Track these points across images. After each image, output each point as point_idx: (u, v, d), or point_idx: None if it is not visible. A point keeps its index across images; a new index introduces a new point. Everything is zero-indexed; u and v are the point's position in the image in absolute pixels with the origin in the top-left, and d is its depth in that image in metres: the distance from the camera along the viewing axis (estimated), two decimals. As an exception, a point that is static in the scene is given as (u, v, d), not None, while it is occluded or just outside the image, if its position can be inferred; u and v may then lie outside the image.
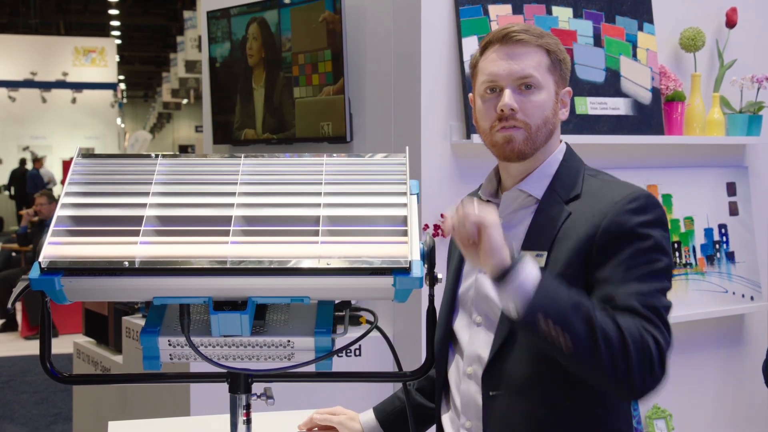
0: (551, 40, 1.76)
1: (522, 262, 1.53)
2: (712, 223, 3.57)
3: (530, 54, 1.73)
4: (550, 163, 1.78)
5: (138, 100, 36.07)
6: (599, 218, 1.65)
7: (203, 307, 1.61)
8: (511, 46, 1.73)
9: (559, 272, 1.65)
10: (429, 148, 3.02)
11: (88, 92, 20.85)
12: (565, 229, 1.69)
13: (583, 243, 1.65)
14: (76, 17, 22.92)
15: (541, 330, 1.51)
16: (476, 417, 1.76)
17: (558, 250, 1.68)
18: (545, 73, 1.74)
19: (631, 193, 1.68)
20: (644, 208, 1.66)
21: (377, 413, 1.99)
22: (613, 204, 1.66)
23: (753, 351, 3.77)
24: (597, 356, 1.51)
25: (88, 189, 1.57)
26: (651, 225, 1.65)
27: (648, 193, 1.69)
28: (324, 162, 1.62)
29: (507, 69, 1.72)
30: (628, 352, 1.52)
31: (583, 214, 1.68)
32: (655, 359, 1.54)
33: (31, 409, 6.10)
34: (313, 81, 3.41)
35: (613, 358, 1.51)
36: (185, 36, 16.24)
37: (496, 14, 3.09)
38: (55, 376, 1.62)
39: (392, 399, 2.01)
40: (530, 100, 1.72)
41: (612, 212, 1.65)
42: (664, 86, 3.41)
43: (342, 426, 1.98)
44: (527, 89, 1.72)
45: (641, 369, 1.53)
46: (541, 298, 1.51)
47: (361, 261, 1.44)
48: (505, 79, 1.72)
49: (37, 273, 1.43)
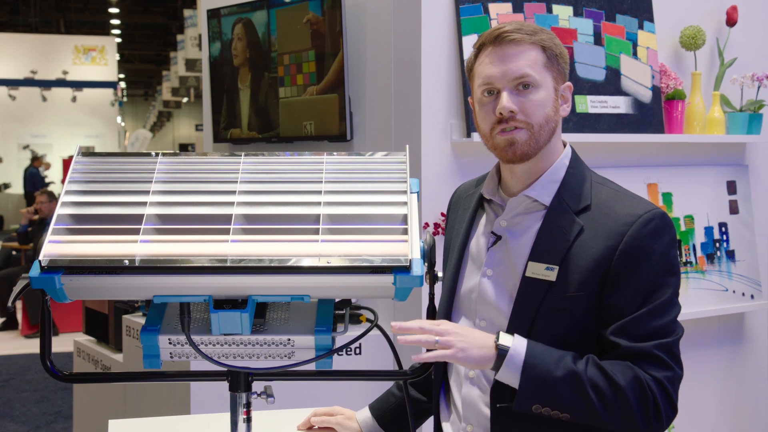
0: (545, 36, 1.73)
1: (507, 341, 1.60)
2: (713, 222, 3.57)
3: (525, 53, 1.70)
4: (557, 169, 1.76)
5: (138, 99, 36.07)
6: (615, 240, 1.65)
7: (203, 306, 1.61)
8: (504, 47, 1.71)
9: (573, 294, 1.66)
10: (429, 147, 3.02)
11: (88, 91, 20.83)
12: (578, 245, 1.68)
13: (599, 265, 1.65)
14: (77, 16, 22.90)
15: (537, 412, 1.61)
16: (477, 422, 1.76)
17: (570, 268, 1.67)
18: (542, 71, 1.71)
19: (645, 213, 1.67)
20: (660, 231, 1.66)
21: (373, 411, 2.00)
22: (629, 225, 1.65)
23: (753, 349, 3.78)
24: (597, 418, 1.59)
25: (89, 187, 1.57)
26: (667, 248, 1.67)
27: (662, 212, 1.69)
28: (324, 160, 1.62)
29: (502, 70, 1.70)
30: (627, 405, 1.58)
31: (597, 231, 1.67)
32: (659, 401, 1.59)
33: (32, 408, 6.10)
34: (297, 81, 3.43)
35: (610, 412, 1.58)
36: (185, 34, 16.23)
37: (497, 12, 3.09)
38: (56, 374, 1.62)
39: (386, 396, 2.01)
40: (529, 99, 1.70)
41: (629, 235, 1.64)
42: (664, 85, 3.41)
43: (339, 426, 1.99)
44: (525, 89, 1.70)
45: (644, 414, 1.59)
46: (530, 387, 1.58)
47: (361, 259, 1.44)
48: (501, 81, 1.70)
49: (37, 271, 1.43)
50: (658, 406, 1.59)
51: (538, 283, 1.68)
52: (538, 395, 1.58)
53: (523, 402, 1.59)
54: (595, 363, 1.61)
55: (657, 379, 1.59)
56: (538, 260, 1.70)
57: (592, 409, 1.58)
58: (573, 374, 1.58)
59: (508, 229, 1.76)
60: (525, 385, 1.58)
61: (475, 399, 1.76)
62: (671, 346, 1.63)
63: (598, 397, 1.57)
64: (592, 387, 1.58)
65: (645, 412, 1.58)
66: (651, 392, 1.58)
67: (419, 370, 1.70)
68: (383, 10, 3.22)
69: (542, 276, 1.67)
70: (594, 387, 1.58)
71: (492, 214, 1.82)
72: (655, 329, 1.62)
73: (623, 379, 1.58)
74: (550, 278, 1.67)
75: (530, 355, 1.59)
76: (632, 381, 1.58)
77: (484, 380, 1.75)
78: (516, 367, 1.58)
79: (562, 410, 1.59)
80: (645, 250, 1.64)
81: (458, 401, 1.81)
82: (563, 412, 1.59)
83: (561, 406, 1.58)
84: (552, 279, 1.67)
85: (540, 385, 1.58)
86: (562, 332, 1.66)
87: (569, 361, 1.59)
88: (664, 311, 1.64)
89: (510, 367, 1.59)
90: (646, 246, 1.64)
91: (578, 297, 1.65)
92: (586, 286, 1.65)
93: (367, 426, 1.98)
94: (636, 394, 1.58)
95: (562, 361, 1.59)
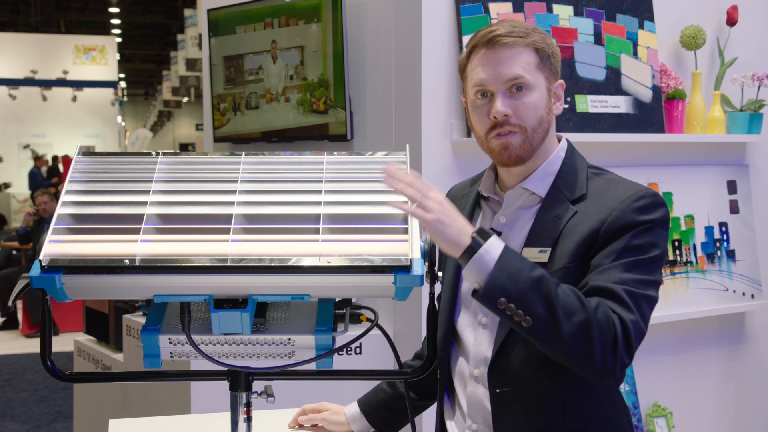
0: (537, 37, 1.73)
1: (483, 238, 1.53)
2: (713, 221, 3.57)
3: (518, 55, 1.70)
4: (552, 161, 1.77)
5: (138, 98, 36.08)
6: (606, 214, 1.66)
7: (204, 305, 1.61)
8: (497, 50, 1.71)
9: (563, 266, 1.66)
10: (429, 146, 3.02)
11: (88, 90, 20.85)
12: (570, 225, 1.69)
13: (588, 237, 1.66)
14: (77, 15, 22.92)
15: (501, 307, 1.53)
16: (483, 420, 1.76)
17: (562, 246, 1.68)
18: (535, 72, 1.71)
19: (638, 192, 1.68)
20: (651, 207, 1.66)
21: (362, 406, 2.01)
22: (620, 201, 1.67)
23: (753, 349, 3.78)
24: (556, 333, 1.52)
25: (89, 187, 1.57)
26: (653, 223, 1.66)
27: (654, 192, 1.69)
28: (324, 160, 1.62)
29: (495, 74, 1.70)
30: (589, 329, 1.52)
31: (590, 212, 1.69)
32: (619, 340, 1.54)
33: (32, 407, 6.10)
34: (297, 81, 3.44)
35: (572, 335, 1.52)
36: (186, 34, 16.25)
37: (497, 12, 3.09)
38: (56, 374, 1.62)
39: (375, 391, 2.02)
40: (523, 102, 1.70)
41: (619, 209, 1.65)
42: (664, 84, 3.41)
43: (326, 422, 2.01)
44: (518, 91, 1.70)
45: (602, 348, 1.53)
46: (501, 277, 1.51)
47: (361, 259, 1.44)
48: (494, 84, 1.70)
49: (37, 271, 1.43)
50: (617, 345, 1.54)
51: None
52: (506, 288, 1.52)
53: (491, 293, 1.52)
54: (568, 286, 1.57)
55: (621, 318, 1.55)
56: (533, 245, 1.71)
57: (556, 322, 1.52)
58: (546, 280, 1.54)
59: (507, 224, 1.77)
60: (496, 275, 1.52)
61: (480, 397, 1.76)
62: (639, 297, 1.59)
63: (563, 311, 1.52)
64: (560, 300, 1.53)
65: (604, 347, 1.53)
66: (614, 327, 1.54)
67: (419, 370, 1.70)
68: (383, 10, 3.22)
69: (536, 258, 1.68)
70: (562, 301, 1.53)
71: (489, 212, 1.82)
72: (627, 280, 1.59)
73: (591, 306, 1.54)
74: (542, 260, 1.68)
75: (507, 251, 1.54)
76: (599, 310, 1.54)
77: (486, 373, 1.75)
78: (483, 266, 1.52)
79: (526, 311, 1.52)
80: (631, 220, 1.64)
81: (463, 400, 1.81)
82: (527, 314, 1.52)
83: (526, 307, 1.52)
84: (544, 260, 1.68)
85: (511, 279, 1.52)
86: None
87: (544, 271, 1.56)
88: (640, 269, 1.61)
89: (477, 264, 1.52)
90: (633, 218, 1.64)
91: (569, 268, 1.65)
92: (576, 257, 1.65)
93: (354, 420, 2.00)
94: (600, 325, 1.53)
95: (537, 268, 1.55)
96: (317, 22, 3.37)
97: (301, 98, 3.47)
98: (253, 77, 3.70)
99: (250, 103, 3.73)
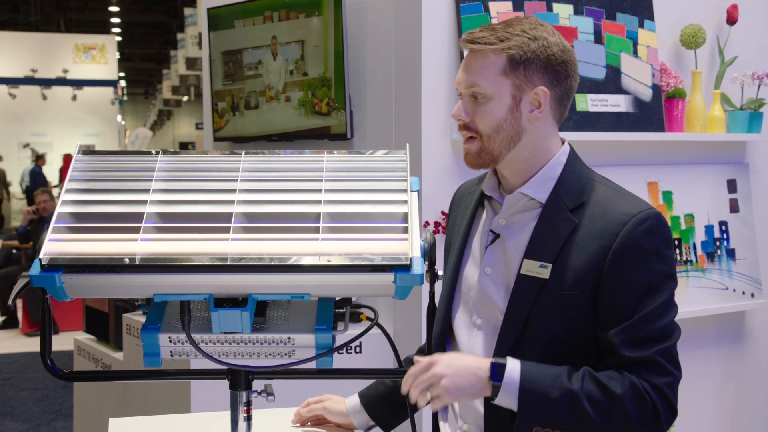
0: (517, 42, 1.69)
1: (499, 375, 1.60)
2: (713, 220, 3.57)
3: (482, 61, 1.71)
4: (553, 166, 1.75)
5: (138, 97, 36.07)
6: (608, 239, 1.64)
7: (204, 304, 1.61)
8: (469, 53, 1.74)
9: (565, 292, 1.66)
10: (429, 145, 3.02)
11: (88, 89, 20.85)
12: (571, 242, 1.67)
13: (593, 264, 1.65)
14: (77, 14, 22.91)
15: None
16: (474, 422, 1.76)
17: (564, 266, 1.67)
18: (498, 79, 1.69)
19: (640, 213, 1.66)
20: (654, 230, 1.65)
21: (362, 397, 2.03)
22: (622, 225, 1.65)
23: (753, 348, 3.78)
24: (595, 427, 1.59)
25: (89, 186, 1.57)
26: (662, 249, 1.66)
27: (656, 212, 1.68)
28: (324, 159, 1.62)
29: (461, 78, 1.74)
30: (623, 411, 1.58)
31: (591, 228, 1.67)
32: (659, 406, 1.60)
33: (32, 406, 6.10)
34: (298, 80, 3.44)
35: (609, 422, 1.59)
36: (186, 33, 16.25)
37: (497, 11, 3.09)
38: (56, 372, 1.62)
39: (377, 384, 2.03)
40: (479, 109, 1.71)
41: (623, 235, 1.64)
42: (664, 83, 3.41)
43: (326, 411, 2.02)
44: (476, 99, 1.72)
45: (643, 420, 1.59)
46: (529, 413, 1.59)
47: (361, 258, 1.44)
48: (461, 87, 1.75)
49: (37, 270, 1.43)
50: (657, 411, 1.60)
51: (532, 281, 1.68)
52: (537, 418, 1.60)
53: (524, 426, 1.61)
54: (591, 376, 1.61)
55: (655, 386, 1.60)
56: (533, 258, 1.70)
57: (592, 422, 1.59)
58: (569, 393, 1.59)
59: (506, 227, 1.76)
60: (523, 411, 1.59)
61: None
62: (671, 351, 1.63)
63: (595, 410, 1.58)
64: (589, 401, 1.58)
65: (643, 419, 1.59)
66: (649, 397, 1.59)
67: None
68: (384, 9, 3.22)
69: (536, 273, 1.68)
70: (591, 401, 1.59)
71: (491, 212, 1.82)
72: (654, 333, 1.62)
73: (620, 388, 1.59)
74: (543, 276, 1.67)
75: (525, 379, 1.60)
76: (629, 389, 1.59)
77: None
78: (512, 392, 1.60)
79: (563, 428, 1.60)
80: (639, 249, 1.63)
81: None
82: (564, 429, 1.61)
83: (561, 425, 1.60)
84: (545, 277, 1.67)
85: (538, 409, 1.59)
86: (558, 332, 1.66)
87: (565, 379, 1.60)
88: (662, 313, 1.64)
89: (507, 393, 1.60)
90: (640, 245, 1.64)
91: (572, 295, 1.65)
92: (579, 285, 1.65)
93: (355, 412, 2.01)
94: (634, 402, 1.58)
95: (557, 381, 1.60)
96: (318, 15, 3.36)
97: (302, 98, 3.45)
98: (252, 72, 3.68)
99: (249, 102, 3.70)
